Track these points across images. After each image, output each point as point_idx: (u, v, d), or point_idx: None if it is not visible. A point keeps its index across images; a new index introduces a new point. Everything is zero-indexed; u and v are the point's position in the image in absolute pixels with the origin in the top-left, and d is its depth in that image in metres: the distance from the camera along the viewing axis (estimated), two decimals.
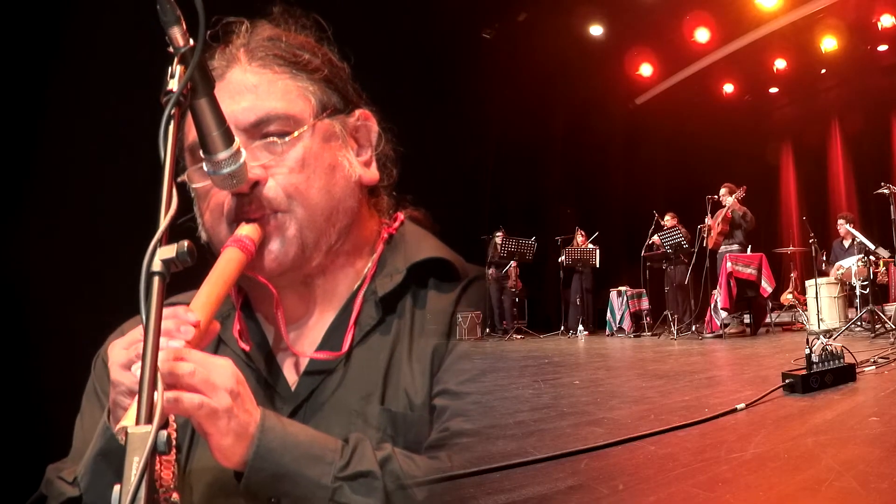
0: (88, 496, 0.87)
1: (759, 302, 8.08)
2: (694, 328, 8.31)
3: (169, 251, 0.71)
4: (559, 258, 10.18)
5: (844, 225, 8.23)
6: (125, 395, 0.80)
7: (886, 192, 6.76)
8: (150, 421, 0.64)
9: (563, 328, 10.18)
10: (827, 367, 3.30)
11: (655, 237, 9.06)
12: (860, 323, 7.14)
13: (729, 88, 12.24)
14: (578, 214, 10.99)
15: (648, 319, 9.71)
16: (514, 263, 10.15)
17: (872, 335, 6.31)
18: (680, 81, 11.76)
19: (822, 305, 7.82)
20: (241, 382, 0.82)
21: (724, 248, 8.23)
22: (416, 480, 0.90)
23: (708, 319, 8.34)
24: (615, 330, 9.71)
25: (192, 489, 0.93)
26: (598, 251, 10.03)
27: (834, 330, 7.09)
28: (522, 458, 2.10)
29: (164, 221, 0.72)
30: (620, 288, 9.91)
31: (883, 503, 1.57)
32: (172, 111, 0.77)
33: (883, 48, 10.38)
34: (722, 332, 7.78)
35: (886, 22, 9.71)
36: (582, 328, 10.01)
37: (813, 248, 8.06)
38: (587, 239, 10.30)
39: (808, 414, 2.73)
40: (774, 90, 12.34)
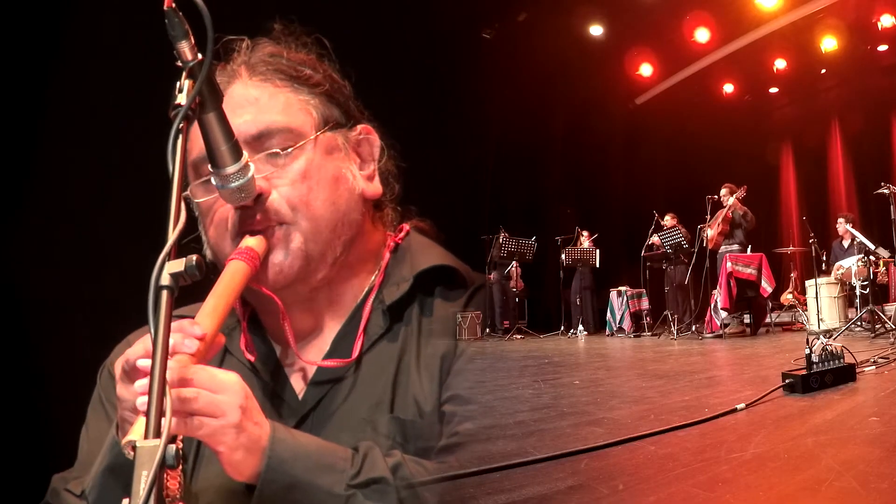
0: None
1: (759, 302, 8.07)
2: (694, 328, 8.31)
3: (177, 265, 0.71)
4: (559, 258, 10.18)
5: (844, 225, 8.23)
6: (131, 410, 0.79)
7: (886, 192, 6.76)
8: (158, 435, 0.64)
9: (563, 328, 10.18)
10: (827, 367, 3.29)
11: (655, 237, 9.06)
12: (860, 323, 7.14)
13: (729, 88, 12.24)
14: (578, 214, 10.98)
15: (648, 319, 9.70)
16: (515, 264, 10.15)
17: (872, 335, 6.31)
18: (680, 81, 11.75)
19: (822, 305, 7.82)
20: (248, 397, 0.82)
21: (724, 248, 8.23)
22: (416, 480, 0.90)
23: (708, 319, 8.34)
24: (615, 330, 9.71)
25: (198, 499, 0.92)
26: (598, 251, 10.04)
27: (834, 330, 7.08)
28: (522, 458, 2.09)
29: (172, 235, 0.72)
30: (620, 288, 9.90)
31: (883, 503, 1.57)
32: (181, 125, 0.77)
33: (883, 48, 10.37)
34: (722, 332, 7.78)
35: (886, 22, 9.70)
36: (582, 328, 10.01)
37: (813, 248, 8.06)
38: (591, 238, 10.30)
39: (808, 414, 2.73)
40: (774, 90, 12.33)
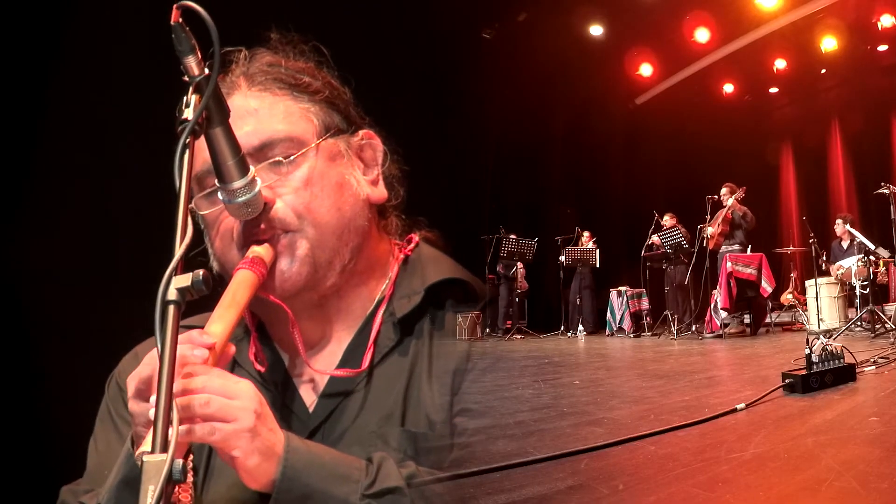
0: None
1: (759, 302, 8.08)
2: (694, 328, 8.31)
3: (184, 280, 0.71)
4: (559, 258, 10.18)
5: (843, 225, 8.23)
6: (145, 426, 0.79)
7: (886, 192, 6.76)
8: (165, 449, 0.64)
9: (563, 328, 10.18)
10: (827, 367, 3.30)
11: (655, 237, 9.06)
12: (860, 323, 7.15)
13: (729, 88, 12.25)
14: (578, 214, 10.98)
15: (648, 319, 9.71)
16: (520, 264, 10.16)
17: (872, 335, 6.31)
18: (680, 81, 11.76)
19: (822, 305, 7.83)
20: (262, 403, 0.81)
21: (724, 248, 8.23)
22: (416, 480, 0.90)
23: (708, 319, 8.34)
24: (615, 330, 9.71)
25: None
26: (598, 251, 10.04)
27: (834, 330, 7.09)
28: (522, 458, 2.10)
29: (179, 250, 0.72)
30: (620, 288, 9.91)
31: (883, 503, 1.57)
32: (188, 140, 0.77)
33: (883, 48, 10.38)
34: (722, 332, 7.78)
35: (886, 22, 9.71)
36: (582, 328, 10.01)
37: (813, 248, 8.06)
38: (591, 239, 10.31)
39: (808, 414, 2.73)
40: (774, 90, 12.34)
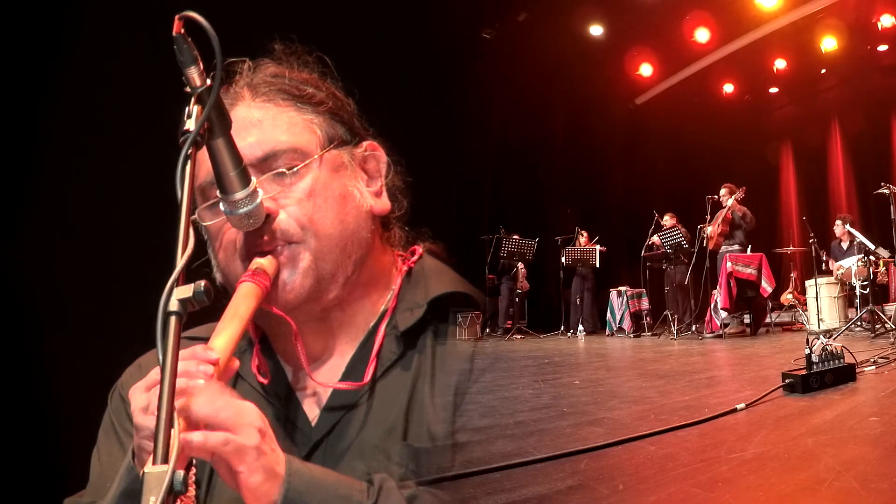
0: None
1: (759, 302, 8.08)
2: (694, 328, 8.31)
3: (186, 291, 0.71)
4: (560, 258, 10.18)
5: (842, 226, 8.23)
6: (149, 439, 0.79)
7: (886, 192, 6.76)
8: (166, 460, 0.64)
9: (563, 328, 10.19)
10: (827, 367, 3.30)
11: (655, 237, 9.06)
12: (860, 323, 7.15)
13: (729, 88, 12.25)
14: (578, 214, 10.99)
15: (648, 319, 9.71)
16: (521, 265, 10.16)
17: (872, 335, 6.31)
18: (680, 81, 11.76)
19: (822, 305, 7.83)
20: (265, 422, 0.81)
21: (724, 248, 8.23)
22: (415, 480, 0.90)
23: (708, 319, 8.34)
24: (615, 330, 9.71)
25: None
26: (597, 251, 10.04)
27: (834, 330, 7.09)
28: (522, 458, 2.10)
29: (181, 261, 0.72)
30: (620, 288, 9.91)
31: (883, 503, 1.57)
32: (189, 151, 0.77)
33: (883, 48, 10.38)
34: (722, 332, 7.79)
35: (886, 22, 9.71)
36: (582, 328, 10.01)
37: (813, 248, 8.07)
38: (590, 239, 10.31)
39: (808, 414, 2.73)
40: (774, 90, 12.34)
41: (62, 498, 1.03)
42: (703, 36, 10.57)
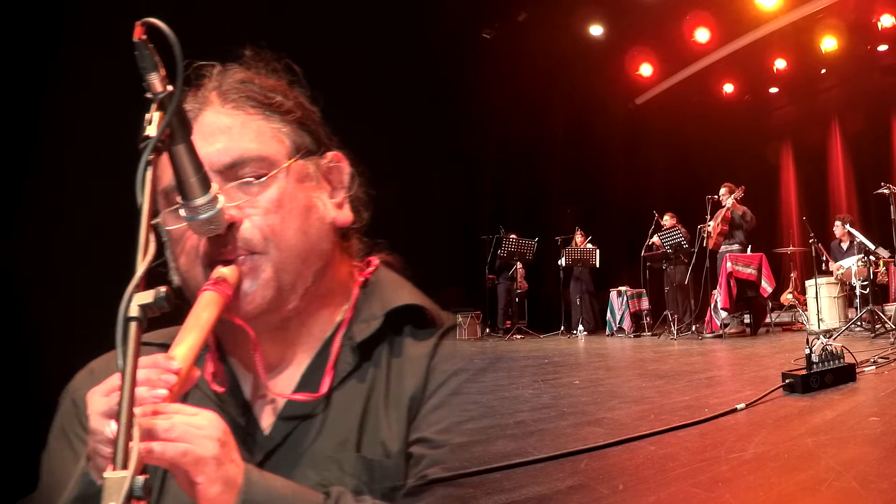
0: None
1: (759, 302, 8.08)
2: (694, 328, 8.31)
3: (146, 297, 0.71)
4: (559, 258, 10.19)
5: (842, 226, 8.23)
6: (105, 443, 0.78)
7: (886, 192, 6.76)
8: (125, 466, 0.64)
9: (563, 328, 10.19)
10: (827, 367, 3.30)
11: (655, 237, 9.06)
12: (860, 323, 7.15)
13: (729, 88, 12.25)
14: (578, 214, 10.99)
15: (648, 319, 9.71)
16: (520, 264, 10.16)
17: (872, 335, 6.32)
18: (680, 81, 11.76)
19: (822, 305, 7.83)
20: (227, 433, 0.81)
21: (724, 248, 8.23)
22: (416, 479, 0.90)
23: (708, 319, 8.34)
24: (615, 330, 9.72)
25: None
26: (598, 251, 10.05)
27: (834, 330, 7.09)
28: (522, 458, 2.10)
29: (141, 266, 0.72)
30: (620, 288, 9.91)
31: (883, 503, 1.57)
32: (150, 157, 0.78)
33: (883, 48, 10.38)
34: (722, 332, 7.79)
35: (886, 22, 9.71)
36: (582, 328, 10.01)
37: (814, 248, 8.07)
38: (586, 239, 10.31)
39: (808, 414, 2.74)
40: (774, 90, 12.35)
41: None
42: (703, 36, 10.57)
